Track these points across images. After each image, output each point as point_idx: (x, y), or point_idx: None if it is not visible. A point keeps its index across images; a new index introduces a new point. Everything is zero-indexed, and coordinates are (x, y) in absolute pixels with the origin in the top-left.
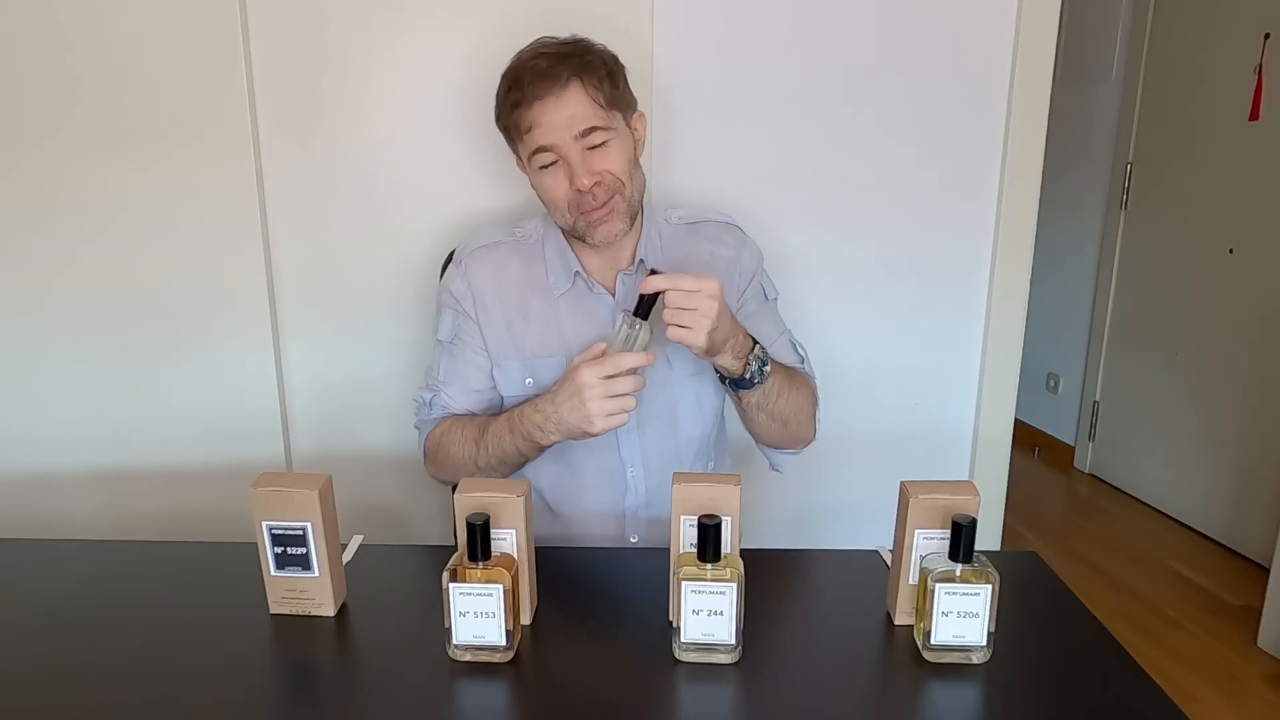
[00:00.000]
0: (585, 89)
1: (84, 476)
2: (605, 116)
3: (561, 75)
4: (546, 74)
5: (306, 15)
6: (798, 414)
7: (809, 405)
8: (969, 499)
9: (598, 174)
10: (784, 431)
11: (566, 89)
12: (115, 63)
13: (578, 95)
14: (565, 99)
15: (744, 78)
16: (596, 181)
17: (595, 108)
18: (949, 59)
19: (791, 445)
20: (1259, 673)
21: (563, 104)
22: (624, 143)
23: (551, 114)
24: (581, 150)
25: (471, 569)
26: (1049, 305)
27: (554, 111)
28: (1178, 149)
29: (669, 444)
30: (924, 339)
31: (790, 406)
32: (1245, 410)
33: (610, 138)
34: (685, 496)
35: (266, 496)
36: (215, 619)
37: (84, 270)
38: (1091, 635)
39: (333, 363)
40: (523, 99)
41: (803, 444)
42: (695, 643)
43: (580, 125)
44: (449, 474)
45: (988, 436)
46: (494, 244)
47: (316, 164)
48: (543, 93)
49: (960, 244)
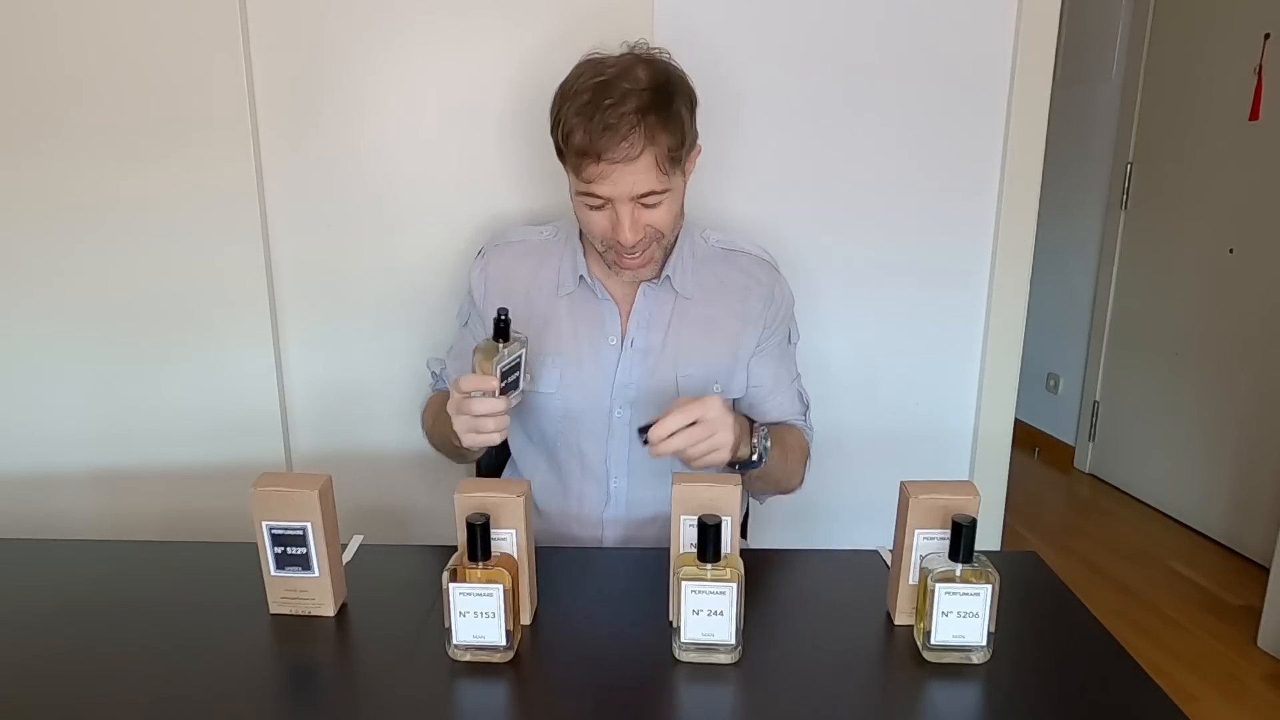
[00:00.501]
0: (656, 159)
1: (84, 476)
2: (666, 180)
3: (638, 145)
4: (625, 136)
5: (306, 15)
6: (790, 476)
7: (800, 465)
8: (969, 499)
9: (643, 229)
10: (775, 488)
11: (639, 159)
12: (115, 63)
13: (647, 165)
14: (634, 167)
15: (744, 78)
16: (639, 237)
17: (660, 174)
18: (949, 59)
19: (777, 494)
20: (1259, 673)
21: (630, 171)
22: (676, 197)
23: (616, 177)
24: (634, 207)
25: (471, 569)
26: (1049, 305)
27: (619, 176)
28: (1178, 149)
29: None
30: (924, 339)
31: (784, 472)
32: (1245, 410)
33: (665, 198)
34: (685, 496)
35: (266, 496)
36: (215, 619)
37: (84, 270)
38: (1091, 635)
39: (333, 363)
40: (589, 152)
41: (789, 494)
42: (695, 643)
43: (641, 189)
44: (431, 441)
45: (988, 436)
46: (518, 242)
47: (316, 164)
48: (614, 157)
49: (960, 244)
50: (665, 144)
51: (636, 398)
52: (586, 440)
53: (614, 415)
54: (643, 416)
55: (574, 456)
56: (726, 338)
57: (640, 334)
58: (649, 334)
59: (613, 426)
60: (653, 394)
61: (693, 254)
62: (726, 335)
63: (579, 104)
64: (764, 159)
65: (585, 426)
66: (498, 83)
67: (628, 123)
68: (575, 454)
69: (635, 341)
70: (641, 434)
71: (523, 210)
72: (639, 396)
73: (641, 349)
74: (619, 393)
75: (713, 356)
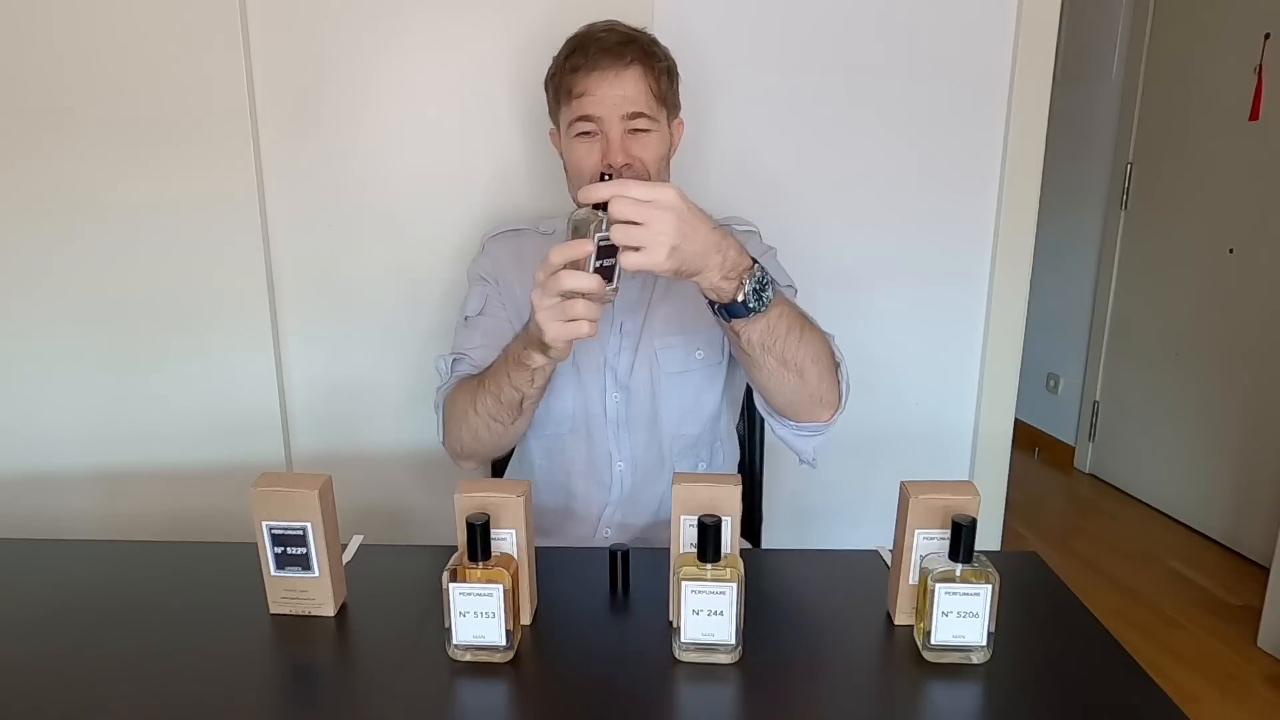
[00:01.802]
0: (645, 75)
1: (84, 476)
2: (655, 108)
3: (626, 55)
4: (613, 49)
5: (306, 15)
6: (815, 362)
7: (827, 356)
8: (969, 499)
9: (631, 157)
10: (800, 384)
11: (628, 68)
12: (115, 63)
13: (636, 78)
14: (624, 77)
15: (744, 77)
16: (627, 164)
17: (649, 96)
18: (949, 59)
19: (812, 408)
20: (1259, 673)
21: (621, 81)
22: (662, 139)
23: (607, 87)
24: (623, 131)
25: (471, 569)
26: (1049, 305)
27: (610, 86)
28: (1178, 149)
29: (654, 441)
30: (924, 339)
31: (805, 352)
32: (1245, 410)
33: (654, 129)
34: (685, 496)
35: (266, 496)
36: (215, 619)
37: (84, 270)
38: (1091, 635)
39: (332, 363)
40: (583, 64)
41: (825, 409)
42: (695, 643)
43: (630, 107)
44: (456, 434)
45: (988, 436)
46: (516, 230)
47: (316, 163)
48: (605, 65)
49: (960, 244)
50: (653, 67)
51: (628, 382)
52: (595, 427)
53: (609, 398)
54: (633, 400)
55: (580, 443)
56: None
57: (629, 318)
58: (634, 316)
59: (608, 411)
60: (639, 371)
61: None
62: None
63: (571, 42)
64: (764, 158)
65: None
66: (497, 82)
67: (617, 37)
68: (583, 440)
69: (624, 325)
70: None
71: (523, 209)
72: (629, 380)
73: (629, 332)
74: (610, 376)
75: (690, 325)
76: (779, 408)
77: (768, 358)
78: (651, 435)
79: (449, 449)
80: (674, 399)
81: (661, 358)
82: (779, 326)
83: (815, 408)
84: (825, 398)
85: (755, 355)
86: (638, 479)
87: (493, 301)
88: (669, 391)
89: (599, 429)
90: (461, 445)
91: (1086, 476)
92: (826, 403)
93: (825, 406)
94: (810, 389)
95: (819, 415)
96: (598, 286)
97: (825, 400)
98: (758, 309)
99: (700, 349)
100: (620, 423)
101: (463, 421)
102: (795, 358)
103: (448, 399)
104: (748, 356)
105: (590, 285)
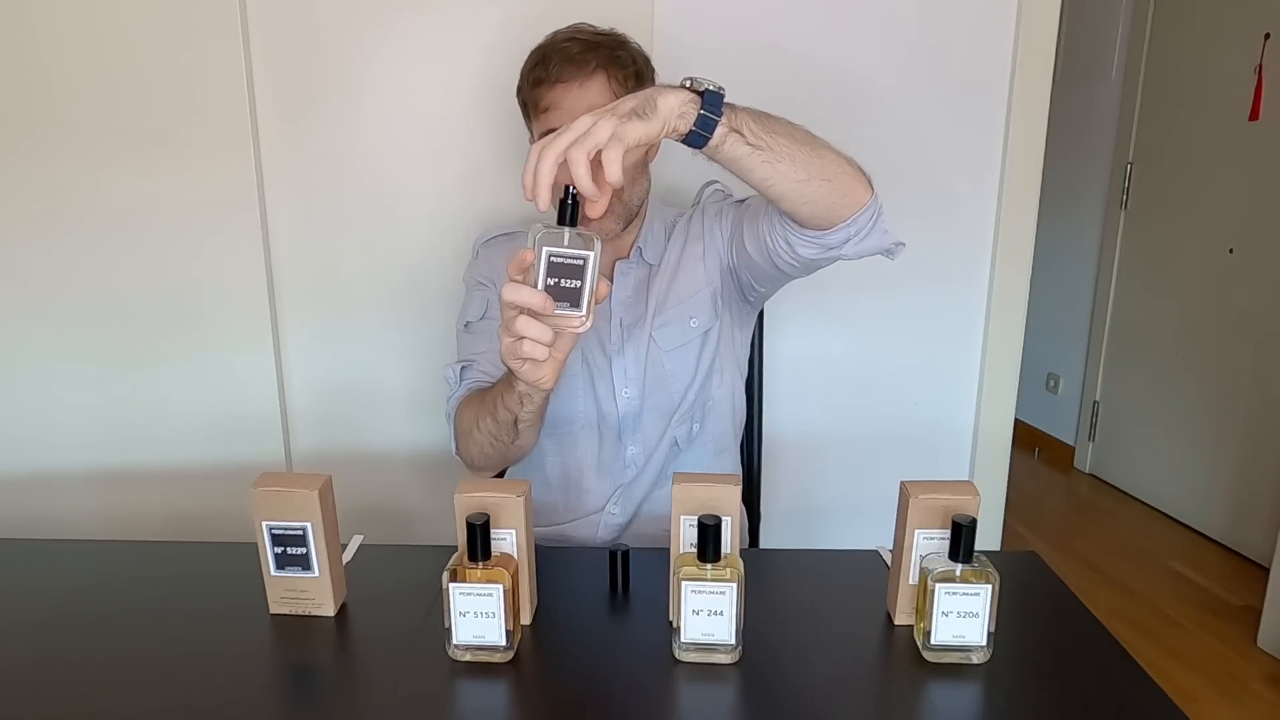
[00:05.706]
0: (610, 83)
1: (84, 476)
2: None
3: (589, 63)
4: (575, 59)
5: (306, 15)
6: (814, 145)
7: (823, 143)
8: (969, 499)
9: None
10: (818, 167)
11: (591, 78)
12: (115, 63)
13: (601, 87)
14: (588, 87)
15: (743, 78)
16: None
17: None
18: (949, 59)
19: (844, 191)
20: (1259, 673)
21: (584, 92)
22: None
23: (571, 100)
24: None
25: (471, 569)
26: (1049, 305)
27: (574, 98)
28: (1178, 149)
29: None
30: (924, 339)
31: (799, 135)
32: (1245, 410)
33: None
34: (685, 496)
35: (266, 496)
36: (215, 619)
37: (84, 270)
38: (1091, 635)
39: (333, 363)
40: (545, 78)
41: (858, 187)
42: (695, 643)
43: None
44: (466, 448)
45: (988, 436)
46: (509, 234)
47: (316, 164)
48: (567, 76)
49: (960, 244)
50: (618, 73)
51: (637, 374)
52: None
53: (620, 396)
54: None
55: (593, 438)
56: (693, 277)
57: (626, 312)
58: (633, 309)
59: (620, 407)
60: (644, 359)
61: (664, 228)
62: (693, 275)
63: (535, 54)
64: None
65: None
66: (497, 83)
67: (579, 46)
68: (595, 435)
69: (623, 320)
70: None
71: (522, 210)
72: (638, 371)
73: (629, 324)
74: (620, 373)
75: (684, 293)
76: (814, 215)
77: (781, 164)
78: (660, 416)
79: (463, 460)
80: (679, 374)
81: (658, 336)
82: (751, 120)
83: (846, 189)
84: (855, 192)
85: (767, 170)
86: (647, 456)
87: (494, 305)
88: (673, 370)
89: (611, 425)
90: (472, 459)
91: (1086, 476)
92: (854, 179)
93: (856, 183)
94: (839, 186)
95: (858, 196)
96: (540, 303)
97: (855, 193)
98: (716, 108)
99: (694, 317)
100: (634, 415)
101: (469, 437)
102: (805, 159)
103: (458, 411)
104: (761, 178)
105: (532, 301)
